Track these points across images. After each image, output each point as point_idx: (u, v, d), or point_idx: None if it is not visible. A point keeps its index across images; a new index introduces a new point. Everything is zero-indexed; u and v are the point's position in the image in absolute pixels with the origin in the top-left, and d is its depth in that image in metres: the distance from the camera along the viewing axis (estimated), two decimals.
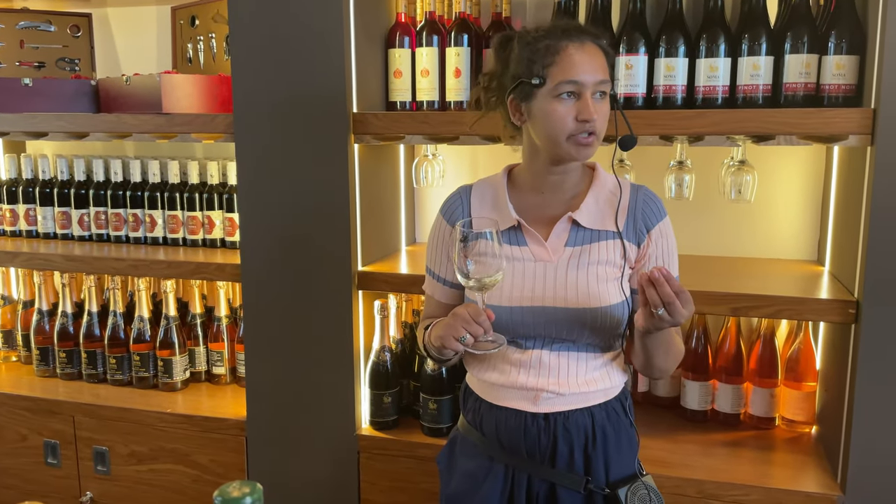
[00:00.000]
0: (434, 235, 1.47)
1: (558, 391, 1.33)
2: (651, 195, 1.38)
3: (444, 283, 1.47)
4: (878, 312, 1.57)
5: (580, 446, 1.34)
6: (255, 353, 2.03)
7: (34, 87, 2.22)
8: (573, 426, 1.34)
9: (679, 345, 1.39)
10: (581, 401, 1.35)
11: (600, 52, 1.28)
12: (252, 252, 1.98)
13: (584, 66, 1.25)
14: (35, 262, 2.25)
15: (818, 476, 1.72)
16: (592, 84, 1.25)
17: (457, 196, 1.45)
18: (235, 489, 0.68)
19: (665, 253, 1.37)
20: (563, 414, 1.34)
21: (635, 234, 1.35)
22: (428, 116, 1.82)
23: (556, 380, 1.34)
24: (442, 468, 1.51)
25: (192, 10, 2.40)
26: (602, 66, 1.27)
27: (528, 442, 1.35)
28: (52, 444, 2.26)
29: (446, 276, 1.45)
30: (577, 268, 1.32)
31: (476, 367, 1.42)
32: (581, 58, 1.25)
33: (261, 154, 1.93)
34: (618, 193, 1.37)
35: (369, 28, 1.93)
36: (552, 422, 1.34)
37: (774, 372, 1.94)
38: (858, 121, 1.54)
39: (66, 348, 2.38)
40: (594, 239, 1.34)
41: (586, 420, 1.35)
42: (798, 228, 2.06)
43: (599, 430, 1.35)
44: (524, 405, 1.35)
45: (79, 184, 2.40)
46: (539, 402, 1.34)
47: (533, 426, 1.34)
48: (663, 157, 1.98)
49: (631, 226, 1.35)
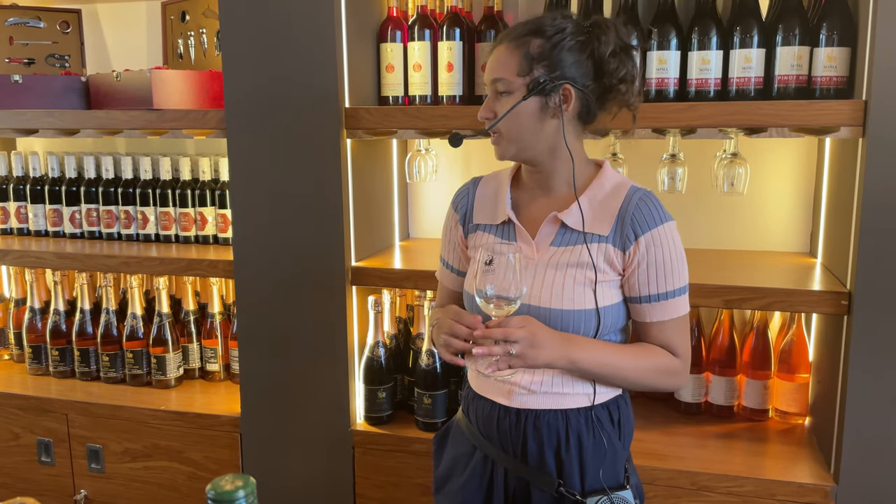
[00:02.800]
0: (446, 223, 1.51)
1: (529, 388, 1.32)
2: (648, 200, 1.29)
3: (451, 270, 1.50)
4: (870, 303, 1.57)
5: (551, 447, 1.32)
6: (249, 350, 2.02)
7: (24, 84, 2.20)
8: (544, 426, 1.32)
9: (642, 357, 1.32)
10: (554, 402, 1.33)
11: (511, 48, 1.27)
12: (245, 248, 1.98)
13: (488, 67, 1.31)
14: (26, 259, 2.24)
15: (811, 467, 1.72)
16: (489, 83, 1.31)
17: (465, 187, 1.48)
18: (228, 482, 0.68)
19: (658, 263, 1.28)
20: (535, 412, 1.33)
21: (621, 240, 1.29)
22: (420, 111, 1.81)
23: (529, 377, 1.33)
24: (435, 448, 1.54)
25: (183, 6, 2.39)
26: (503, 63, 1.28)
27: (501, 434, 1.35)
28: (45, 443, 2.25)
29: (454, 263, 1.49)
30: (556, 268, 1.30)
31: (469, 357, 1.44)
32: (489, 60, 1.31)
33: (253, 150, 1.92)
34: (618, 195, 1.31)
35: (361, 22, 1.92)
36: (523, 418, 1.33)
37: (767, 364, 1.95)
38: (850, 113, 1.54)
39: (58, 346, 2.37)
40: (580, 241, 1.30)
41: (559, 422, 1.32)
42: (790, 220, 2.07)
43: (574, 434, 1.32)
44: (499, 398, 1.36)
45: (70, 181, 2.39)
46: (512, 398, 1.34)
47: (505, 419, 1.35)
48: (656, 150, 1.98)
49: (618, 230, 1.29)
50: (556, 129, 1.29)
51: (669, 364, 1.33)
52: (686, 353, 1.36)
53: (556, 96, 1.26)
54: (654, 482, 1.73)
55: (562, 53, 1.25)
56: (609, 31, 1.27)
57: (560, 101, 1.27)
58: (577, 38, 1.26)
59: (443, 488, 1.46)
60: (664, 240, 1.28)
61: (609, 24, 1.28)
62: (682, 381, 1.36)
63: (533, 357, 1.21)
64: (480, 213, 1.42)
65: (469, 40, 1.91)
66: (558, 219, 1.32)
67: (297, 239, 1.92)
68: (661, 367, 1.33)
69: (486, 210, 1.42)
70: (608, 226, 1.29)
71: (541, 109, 1.27)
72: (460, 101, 1.91)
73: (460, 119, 1.77)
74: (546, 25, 1.26)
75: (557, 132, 1.29)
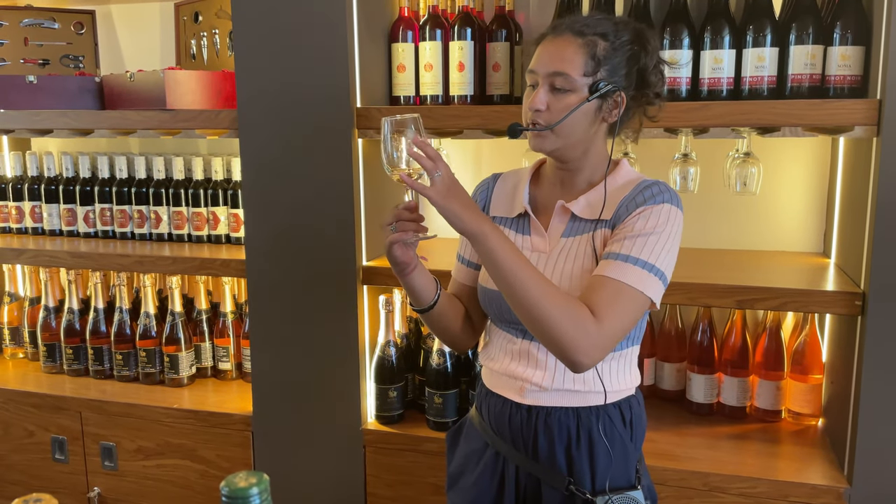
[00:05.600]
0: None
1: (541, 385, 1.32)
2: (656, 187, 1.28)
3: (463, 262, 1.50)
4: (885, 304, 1.56)
5: (562, 444, 1.32)
6: (261, 349, 2.03)
7: (38, 85, 2.22)
8: (555, 423, 1.32)
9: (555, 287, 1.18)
10: (566, 399, 1.32)
11: (575, 44, 1.24)
12: (257, 247, 1.98)
13: (543, 56, 1.26)
14: (41, 258, 2.26)
15: (825, 468, 1.71)
16: (544, 75, 1.26)
17: (485, 182, 1.48)
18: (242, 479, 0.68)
19: (638, 229, 1.22)
20: (546, 409, 1.32)
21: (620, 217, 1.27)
22: (432, 111, 1.82)
23: (541, 373, 1.32)
24: (447, 445, 1.53)
25: (196, 7, 2.40)
26: (565, 58, 1.24)
27: (513, 430, 1.35)
28: (59, 440, 2.27)
29: (466, 255, 1.50)
30: (566, 259, 1.30)
31: (484, 353, 1.45)
32: (546, 49, 1.27)
33: (265, 149, 1.93)
34: (627, 188, 1.31)
35: (372, 23, 1.92)
36: (534, 415, 1.33)
37: (780, 364, 1.94)
38: (864, 112, 1.53)
39: (72, 345, 2.39)
40: (587, 230, 1.31)
41: (570, 420, 1.32)
42: (803, 220, 2.05)
43: (585, 432, 1.31)
44: (511, 394, 1.36)
45: (84, 181, 2.41)
46: (524, 394, 1.34)
47: (517, 416, 1.35)
48: (668, 149, 1.98)
49: (623, 213, 1.27)
50: (597, 132, 1.31)
51: (578, 309, 1.16)
52: (603, 317, 1.17)
53: (610, 101, 1.27)
54: (666, 483, 1.72)
55: (621, 60, 1.26)
56: (653, 43, 1.29)
57: (612, 106, 1.28)
58: (633, 48, 1.27)
59: (455, 484, 1.46)
60: (655, 215, 1.24)
61: (652, 36, 1.30)
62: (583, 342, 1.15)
63: (444, 195, 1.16)
64: (498, 207, 1.43)
65: (480, 40, 1.91)
66: (567, 209, 1.32)
67: (308, 238, 1.93)
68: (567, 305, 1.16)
69: (504, 203, 1.43)
70: (611, 211, 1.29)
71: (595, 112, 1.27)
72: (471, 100, 1.91)
73: (472, 119, 1.77)
74: (610, 30, 1.26)
75: (597, 134, 1.31)
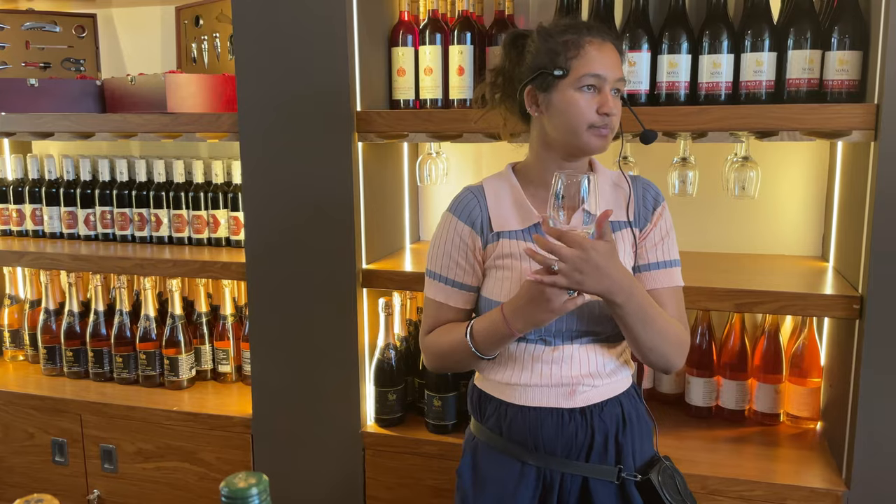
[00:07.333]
0: (447, 239, 1.41)
1: (593, 383, 1.36)
2: (648, 182, 1.43)
3: (461, 288, 1.41)
4: (883, 307, 1.56)
5: (613, 436, 1.36)
6: (261, 351, 2.04)
7: (40, 88, 2.23)
8: (607, 416, 1.36)
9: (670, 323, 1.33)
10: (611, 390, 1.38)
11: (616, 52, 1.33)
12: (257, 250, 1.99)
13: (605, 61, 1.30)
14: (42, 261, 2.27)
15: (823, 471, 1.72)
16: (612, 80, 1.30)
17: (471, 197, 1.40)
18: (242, 480, 0.69)
19: (663, 232, 1.40)
20: (598, 405, 1.36)
21: (642, 221, 1.40)
22: (431, 114, 1.82)
23: (588, 371, 1.36)
24: (466, 482, 1.43)
25: (197, 10, 2.41)
26: (619, 65, 1.33)
27: (565, 439, 1.34)
28: (59, 443, 2.27)
29: (464, 280, 1.40)
30: None
31: (498, 370, 1.39)
32: (602, 54, 1.30)
33: (265, 153, 1.94)
34: (621, 185, 1.41)
35: (373, 27, 1.93)
36: (588, 415, 1.35)
37: (779, 368, 1.94)
38: (862, 116, 1.54)
39: (72, 347, 2.39)
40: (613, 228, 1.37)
41: (617, 409, 1.38)
42: (802, 224, 2.06)
43: (628, 417, 1.38)
44: (560, 402, 1.35)
45: (84, 183, 2.42)
46: (574, 397, 1.35)
47: (570, 422, 1.35)
48: (667, 153, 1.98)
49: (641, 214, 1.39)
50: None
51: (684, 335, 1.37)
52: (686, 325, 1.41)
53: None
54: None
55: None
56: None
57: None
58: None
59: None
60: (666, 213, 1.41)
61: None
62: (683, 360, 1.38)
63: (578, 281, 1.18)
64: (502, 221, 1.38)
65: (480, 44, 1.92)
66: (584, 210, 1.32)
67: (308, 241, 1.93)
68: (678, 334, 1.35)
69: (509, 217, 1.38)
70: (631, 211, 1.38)
71: None
72: (471, 104, 1.92)
73: (471, 123, 1.78)
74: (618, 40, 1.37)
75: None
